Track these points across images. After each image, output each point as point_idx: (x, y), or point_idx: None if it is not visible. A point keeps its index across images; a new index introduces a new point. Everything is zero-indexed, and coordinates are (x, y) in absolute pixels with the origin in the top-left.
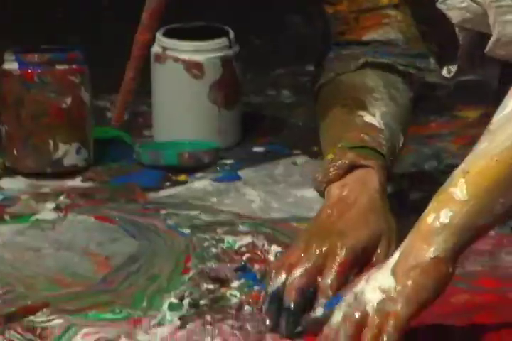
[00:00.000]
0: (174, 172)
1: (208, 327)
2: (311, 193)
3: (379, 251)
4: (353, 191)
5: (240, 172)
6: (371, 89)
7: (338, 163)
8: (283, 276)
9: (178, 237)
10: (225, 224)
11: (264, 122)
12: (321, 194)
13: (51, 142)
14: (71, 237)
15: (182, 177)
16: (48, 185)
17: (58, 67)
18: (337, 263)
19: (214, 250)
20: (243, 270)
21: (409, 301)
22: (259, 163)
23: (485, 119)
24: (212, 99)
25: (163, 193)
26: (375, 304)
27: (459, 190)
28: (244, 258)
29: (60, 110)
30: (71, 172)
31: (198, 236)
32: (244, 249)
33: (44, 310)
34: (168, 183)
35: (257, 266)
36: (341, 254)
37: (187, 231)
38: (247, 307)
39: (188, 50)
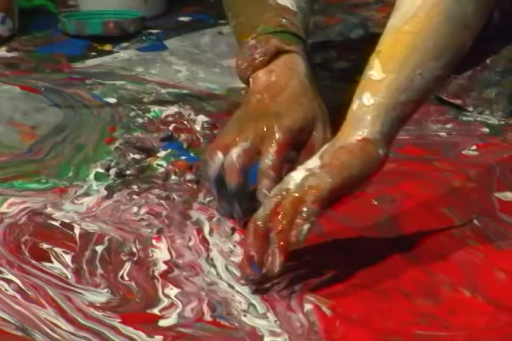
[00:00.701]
0: (99, 42)
1: (135, 196)
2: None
3: (315, 133)
4: (281, 76)
5: (166, 42)
6: None
7: (264, 49)
8: (219, 156)
9: (103, 107)
10: (151, 94)
11: None
12: (245, 81)
13: None
14: None
15: (107, 47)
16: None
17: None
18: (275, 143)
19: (140, 120)
20: (169, 140)
21: (331, 175)
22: (185, 33)
23: None
24: None
25: (88, 63)
26: (298, 180)
27: (375, 71)
28: (170, 128)
29: None
30: None
31: (123, 105)
32: (170, 119)
33: None
34: (93, 53)
35: (183, 136)
36: (279, 135)
37: (113, 100)
38: (173, 177)
39: None
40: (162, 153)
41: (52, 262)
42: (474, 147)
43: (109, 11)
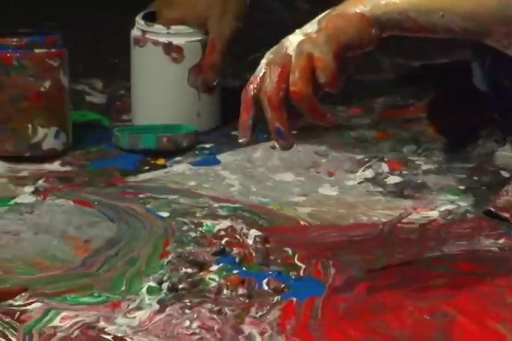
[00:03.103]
0: (153, 157)
1: (187, 311)
2: (289, 177)
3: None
4: None
5: (219, 156)
6: None
7: None
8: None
9: (156, 221)
10: (204, 208)
11: None
12: None
13: (30, 126)
14: (49, 221)
15: (161, 161)
16: (26, 169)
17: (37, 50)
18: None
19: (193, 234)
20: (222, 254)
21: (328, 40)
22: (237, 147)
23: None
24: (192, 83)
25: (141, 177)
26: (296, 45)
27: None
28: (222, 242)
29: (38, 94)
30: (49, 157)
31: (176, 220)
32: (222, 233)
33: (23, 293)
34: (146, 167)
35: (235, 250)
36: None
37: (166, 215)
38: (225, 291)
39: (167, 33)
40: (214, 268)
41: None
42: None
43: (162, 126)
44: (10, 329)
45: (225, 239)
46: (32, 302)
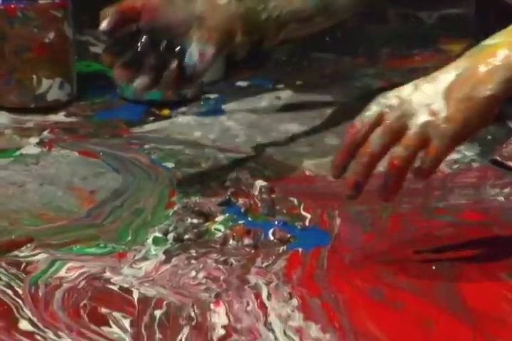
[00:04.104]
0: (158, 107)
1: (193, 261)
2: (294, 127)
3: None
4: None
5: (224, 107)
6: None
7: None
8: None
9: (162, 172)
10: (209, 159)
11: (248, 56)
12: None
13: (34, 77)
14: (55, 172)
15: (165, 112)
16: (31, 120)
17: (41, 1)
18: None
19: (198, 185)
20: (227, 204)
21: (455, 137)
22: (242, 98)
23: None
24: None
25: (146, 128)
26: (420, 123)
27: None
28: (228, 192)
29: (43, 45)
30: (54, 108)
31: (182, 170)
32: (228, 184)
33: (28, 244)
34: (151, 118)
35: (241, 200)
36: None
37: (171, 165)
38: (231, 242)
39: None
40: (220, 218)
41: (111, 326)
42: None
43: None
44: (16, 281)
45: (231, 189)
46: (38, 253)
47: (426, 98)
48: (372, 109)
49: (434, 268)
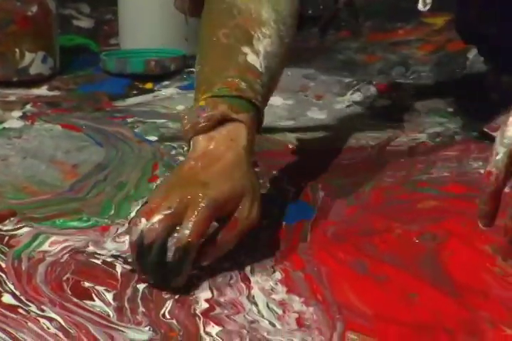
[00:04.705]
0: (141, 80)
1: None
2: (278, 101)
3: (240, 208)
4: (220, 145)
5: None
6: (262, 23)
7: (209, 115)
8: (143, 221)
9: (145, 145)
10: None
11: None
12: (187, 142)
13: (17, 51)
14: (38, 145)
15: (148, 85)
16: (14, 94)
17: None
18: (196, 213)
19: (181, 158)
20: None
21: None
22: None
23: (451, 26)
24: (179, 6)
25: (129, 101)
26: None
27: None
28: None
29: (25, 18)
30: (37, 81)
31: (165, 144)
32: None
33: (11, 218)
34: (134, 91)
35: None
36: (202, 204)
37: (154, 139)
38: None
39: None
40: None
41: (94, 300)
42: None
43: (150, 50)
44: None
45: None
46: (21, 227)
47: None
48: (500, 152)
49: (416, 240)
